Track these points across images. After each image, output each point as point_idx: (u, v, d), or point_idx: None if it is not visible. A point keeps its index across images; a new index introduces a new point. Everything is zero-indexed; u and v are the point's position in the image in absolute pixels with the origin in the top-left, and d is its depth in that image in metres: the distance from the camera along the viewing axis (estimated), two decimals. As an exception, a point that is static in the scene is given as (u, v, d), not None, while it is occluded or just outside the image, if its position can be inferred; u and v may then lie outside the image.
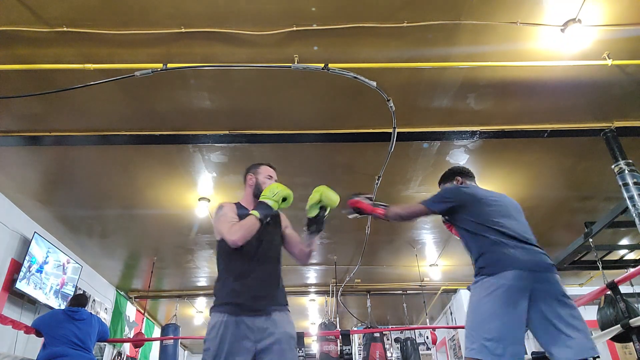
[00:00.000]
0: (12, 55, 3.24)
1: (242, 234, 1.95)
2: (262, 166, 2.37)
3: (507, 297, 2.05)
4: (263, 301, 1.97)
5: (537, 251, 2.24)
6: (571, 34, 3.12)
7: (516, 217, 2.44)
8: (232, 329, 1.89)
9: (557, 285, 2.15)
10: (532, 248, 2.24)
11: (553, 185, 5.02)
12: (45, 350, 3.83)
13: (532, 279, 2.10)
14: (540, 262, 2.17)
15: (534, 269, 2.13)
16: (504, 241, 2.26)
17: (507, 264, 2.14)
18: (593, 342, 2.00)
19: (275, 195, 2.03)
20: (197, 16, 3.03)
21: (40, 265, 5.40)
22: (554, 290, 2.12)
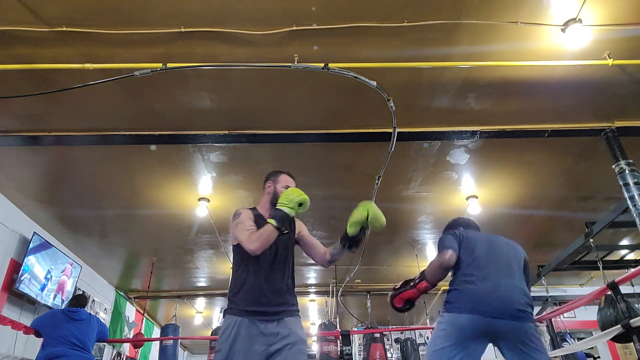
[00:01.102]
0: (12, 55, 3.23)
1: (261, 243, 2.01)
2: (282, 175, 2.41)
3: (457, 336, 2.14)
4: (276, 307, 2.03)
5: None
6: (572, 33, 3.11)
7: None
8: (244, 333, 1.95)
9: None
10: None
11: (553, 185, 5.01)
12: (45, 351, 3.82)
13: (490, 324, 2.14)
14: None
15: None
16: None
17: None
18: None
19: (291, 201, 2.05)
20: (197, 16, 3.02)
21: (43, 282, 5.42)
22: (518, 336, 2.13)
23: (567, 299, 7.09)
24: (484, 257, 2.31)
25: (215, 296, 8.47)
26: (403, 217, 5.74)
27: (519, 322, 2.11)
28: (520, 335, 2.10)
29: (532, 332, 2.14)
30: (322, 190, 5.10)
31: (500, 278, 2.23)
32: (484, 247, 2.38)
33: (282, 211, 2.03)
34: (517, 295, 2.18)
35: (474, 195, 5.22)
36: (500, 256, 2.35)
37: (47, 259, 5.56)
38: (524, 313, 2.14)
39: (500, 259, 2.33)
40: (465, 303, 2.16)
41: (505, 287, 2.20)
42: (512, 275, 2.27)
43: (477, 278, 2.22)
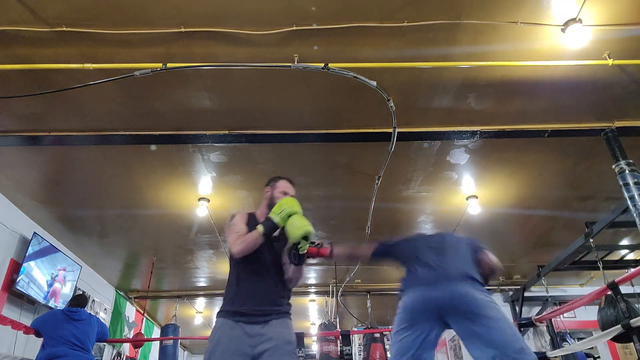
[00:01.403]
0: (12, 55, 3.23)
1: (243, 247, 2.07)
2: (281, 181, 2.43)
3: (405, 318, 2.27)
4: (262, 309, 2.06)
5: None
6: (572, 33, 3.11)
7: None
8: (230, 333, 2.00)
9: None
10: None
11: (553, 185, 5.01)
12: (45, 351, 3.83)
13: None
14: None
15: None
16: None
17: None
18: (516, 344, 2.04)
19: (282, 212, 2.06)
20: (197, 16, 3.02)
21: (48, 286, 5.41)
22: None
23: (567, 299, 7.09)
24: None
25: (215, 296, 8.46)
26: (403, 217, 5.74)
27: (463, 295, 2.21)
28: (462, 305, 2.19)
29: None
30: (322, 190, 5.10)
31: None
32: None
33: (272, 220, 2.06)
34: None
35: (474, 195, 5.22)
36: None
37: (47, 262, 5.55)
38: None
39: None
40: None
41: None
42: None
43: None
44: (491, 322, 2.09)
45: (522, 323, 5.20)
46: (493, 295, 7.89)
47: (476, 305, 2.15)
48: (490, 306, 2.16)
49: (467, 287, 2.24)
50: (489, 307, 2.15)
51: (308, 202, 5.28)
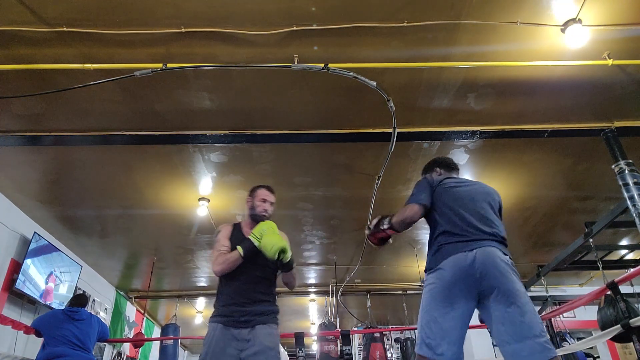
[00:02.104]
0: (12, 55, 3.23)
1: (223, 267, 2.27)
2: (260, 189, 2.58)
3: (443, 294, 1.98)
4: (248, 316, 2.24)
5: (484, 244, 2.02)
6: (571, 33, 3.12)
7: (480, 206, 2.22)
8: (219, 336, 2.19)
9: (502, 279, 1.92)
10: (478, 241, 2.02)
11: (553, 185, 5.01)
12: (45, 351, 3.83)
13: (473, 275, 1.94)
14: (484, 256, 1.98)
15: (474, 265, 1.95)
16: (451, 231, 2.10)
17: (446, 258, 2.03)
18: (543, 343, 1.81)
19: (260, 234, 2.25)
20: (197, 16, 3.03)
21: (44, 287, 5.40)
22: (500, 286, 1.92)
23: (567, 299, 7.08)
24: (463, 206, 2.21)
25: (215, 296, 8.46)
26: (403, 217, 5.73)
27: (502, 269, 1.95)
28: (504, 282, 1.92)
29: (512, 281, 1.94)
30: (322, 190, 5.10)
31: (475, 227, 2.14)
32: (465, 194, 2.29)
33: (251, 242, 2.24)
34: (490, 245, 2.06)
35: (474, 195, 5.21)
36: (481, 205, 2.25)
37: (44, 261, 5.55)
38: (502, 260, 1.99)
39: (481, 208, 2.24)
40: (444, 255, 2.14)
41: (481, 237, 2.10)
42: (489, 223, 2.17)
43: (454, 228, 2.16)
44: (526, 305, 1.87)
45: (522, 323, 5.19)
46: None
47: (504, 278, 1.90)
48: (520, 289, 1.90)
49: (500, 253, 1.97)
50: (520, 283, 1.92)
51: (308, 202, 5.29)
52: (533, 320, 1.85)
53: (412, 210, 2.22)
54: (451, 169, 2.55)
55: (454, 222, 2.13)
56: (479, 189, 2.35)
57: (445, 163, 2.57)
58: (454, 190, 2.28)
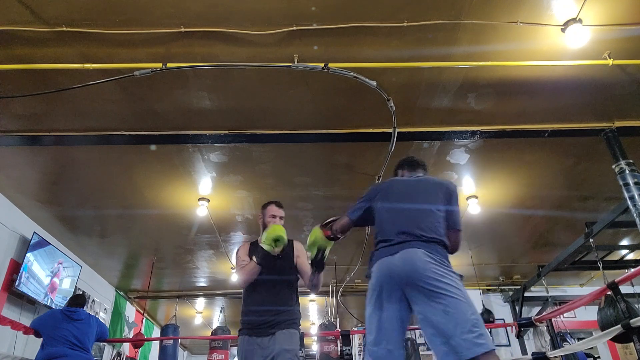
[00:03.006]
0: (12, 55, 3.23)
1: (244, 277, 2.46)
2: (269, 206, 2.79)
3: (374, 299, 2.04)
4: (268, 324, 2.38)
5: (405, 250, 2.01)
6: (572, 33, 3.11)
7: (416, 207, 2.18)
8: (246, 348, 2.37)
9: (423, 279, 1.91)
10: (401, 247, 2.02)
11: (553, 185, 5.01)
12: (44, 351, 3.83)
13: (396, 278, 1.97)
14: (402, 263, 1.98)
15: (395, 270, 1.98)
16: (382, 238, 2.14)
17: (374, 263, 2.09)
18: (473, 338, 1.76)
19: (267, 239, 2.41)
20: (197, 16, 3.02)
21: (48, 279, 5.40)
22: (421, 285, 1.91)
23: (567, 299, 7.09)
24: (399, 210, 2.20)
25: (215, 296, 8.46)
26: (403, 217, 5.73)
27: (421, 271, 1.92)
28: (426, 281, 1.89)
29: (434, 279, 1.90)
30: (322, 190, 5.10)
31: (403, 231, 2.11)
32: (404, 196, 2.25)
33: (262, 248, 2.42)
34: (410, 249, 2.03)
35: (474, 195, 5.22)
36: (419, 206, 2.20)
37: (47, 259, 5.55)
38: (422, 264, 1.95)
39: (417, 209, 2.19)
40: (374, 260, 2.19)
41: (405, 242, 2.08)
42: (419, 226, 2.11)
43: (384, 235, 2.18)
44: (452, 303, 1.84)
45: (522, 323, 5.20)
46: (492, 295, 8.01)
47: (421, 279, 1.89)
48: (443, 287, 1.87)
49: (421, 253, 1.96)
50: (450, 285, 1.88)
51: (308, 202, 5.28)
52: (459, 318, 1.81)
53: (344, 221, 2.36)
54: (414, 167, 2.50)
55: (385, 229, 2.17)
56: (422, 187, 2.29)
57: (408, 163, 2.53)
58: (395, 193, 2.28)
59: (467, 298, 1.89)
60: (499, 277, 7.84)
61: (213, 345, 6.78)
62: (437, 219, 2.12)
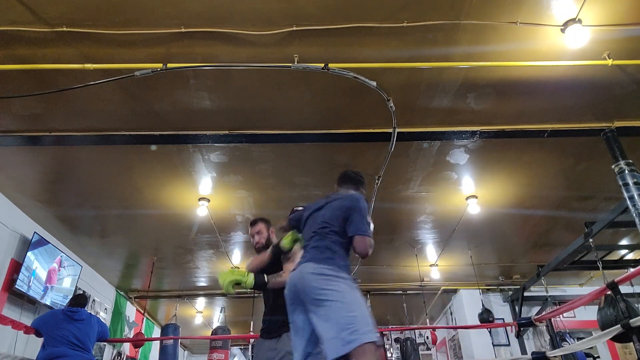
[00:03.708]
0: (12, 55, 3.24)
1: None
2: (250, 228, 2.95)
3: (288, 309, 2.21)
4: (275, 327, 2.50)
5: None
6: (571, 33, 3.12)
7: (317, 222, 2.38)
8: (259, 349, 2.57)
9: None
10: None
11: (553, 185, 5.01)
12: (45, 351, 3.83)
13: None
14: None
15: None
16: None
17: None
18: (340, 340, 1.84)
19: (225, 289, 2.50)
20: (197, 16, 3.03)
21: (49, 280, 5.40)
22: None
23: (567, 299, 7.09)
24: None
25: (215, 296, 8.47)
26: (403, 217, 5.74)
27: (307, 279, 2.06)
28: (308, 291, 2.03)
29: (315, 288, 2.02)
30: (322, 190, 5.09)
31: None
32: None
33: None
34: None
35: (474, 195, 5.22)
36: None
37: (47, 258, 5.56)
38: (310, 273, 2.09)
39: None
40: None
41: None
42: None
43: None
44: (330, 308, 1.92)
45: (522, 323, 5.20)
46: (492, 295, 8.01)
47: (309, 291, 2.01)
48: (325, 293, 1.96)
49: (309, 266, 2.10)
50: (331, 290, 1.97)
51: (308, 202, 5.26)
52: (334, 321, 1.89)
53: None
54: (340, 184, 2.65)
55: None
56: (327, 204, 2.45)
57: (339, 178, 2.68)
58: (312, 212, 2.48)
59: (349, 298, 1.97)
60: (498, 277, 7.84)
61: (213, 345, 6.79)
62: (334, 230, 2.26)
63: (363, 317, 1.91)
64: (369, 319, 1.94)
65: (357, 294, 2.03)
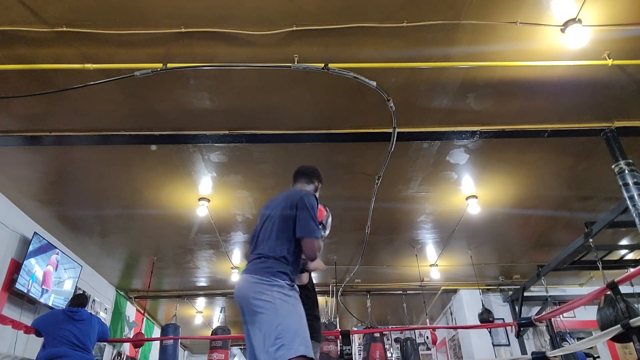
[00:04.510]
0: (12, 55, 3.24)
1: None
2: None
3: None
4: None
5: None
6: (571, 33, 3.12)
7: (264, 227, 2.28)
8: None
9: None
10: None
11: (553, 185, 5.01)
12: (45, 351, 3.83)
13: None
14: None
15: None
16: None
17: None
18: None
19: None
20: (197, 16, 3.03)
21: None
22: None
23: (567, 299, 7.09)
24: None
25: (215, 296, 8.47)
26: (403, 217, 5.74)
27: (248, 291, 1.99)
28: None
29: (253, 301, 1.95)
30: (322, 190, 5.08)
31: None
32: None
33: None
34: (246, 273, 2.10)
35: (474, 195, 5.22)
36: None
37: (47, 259, 5.56)
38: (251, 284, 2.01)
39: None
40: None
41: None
42: (263, 246, 2.19)
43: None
44: (264, 319, 1.86)
45: (522, 323, 5.20)
46: (492, 295, 8.01)
47: (247, 303, 1.95)
48: (258, 304, 1.91)
49: (248, 277, 2.01)
50: (265, 301, 1.90)
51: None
52: (263, 335, 1.83)
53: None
54: (294, 180, 2.59)
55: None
56: (274, 204, 2.35)
57: (293, 175, 2.61)
58: (260, 212, 2.39)
59: (280, 310, 1.88)
60: (498, 277, 7.84)
61: (213, 345, 6.79)
62: (277, 233, 2.14)
63: (293, 330, 1.81)
64: (301, 331, 1.84)
65: (290, 304, 1.92)
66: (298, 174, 2.59)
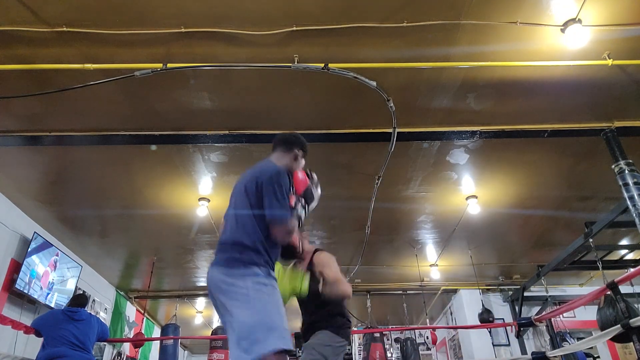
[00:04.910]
0: (12, 55, 3.24)
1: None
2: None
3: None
4: (306, 331, 2.83)
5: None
6: (571, 33, 3.12)
7: (231, 209, 2.10)
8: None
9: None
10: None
11: (553, 185, 5.01)
12: (45, 351, 3.83)
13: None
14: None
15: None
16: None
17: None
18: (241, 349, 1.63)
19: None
20: (198, 16, 3.03)
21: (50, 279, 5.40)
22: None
23: (567, 299, 7.09)
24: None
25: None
26: (403, 217, 5.74)
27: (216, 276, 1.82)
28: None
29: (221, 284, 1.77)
30: (322, 190, 5.09)
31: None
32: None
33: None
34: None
35: (474, 195, 5.22)
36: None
37: (47, 258, 5.56)
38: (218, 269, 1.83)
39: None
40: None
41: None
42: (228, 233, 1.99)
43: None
44: (236, 313, 1.68)
45: (522, 323, 5.20)
46: (492, 295, 8.01)
47: (220, 291, 1.76)
48: (237, 291, 1.70)
49: (215, 269, 1.82)
50: (235, 293, 1.71)
51: (308, 202, 5.28)
52: (236, 328, 1.67)
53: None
54: (273, 149, 2.34)
55: None
56: (241, 181, 2.12)
57: (273, 143, 2.35)
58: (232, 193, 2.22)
59: (253, 301, 1.70)
60: (498, 277, 7.84)
61: (213, 345, 6.78)
62: (243, 218, 1.93)
63: (267, 322, 1.65)
64: (277, 323, 1.67)
65: (264, 294, 1.72)
66: (276, 142, 2.32)
